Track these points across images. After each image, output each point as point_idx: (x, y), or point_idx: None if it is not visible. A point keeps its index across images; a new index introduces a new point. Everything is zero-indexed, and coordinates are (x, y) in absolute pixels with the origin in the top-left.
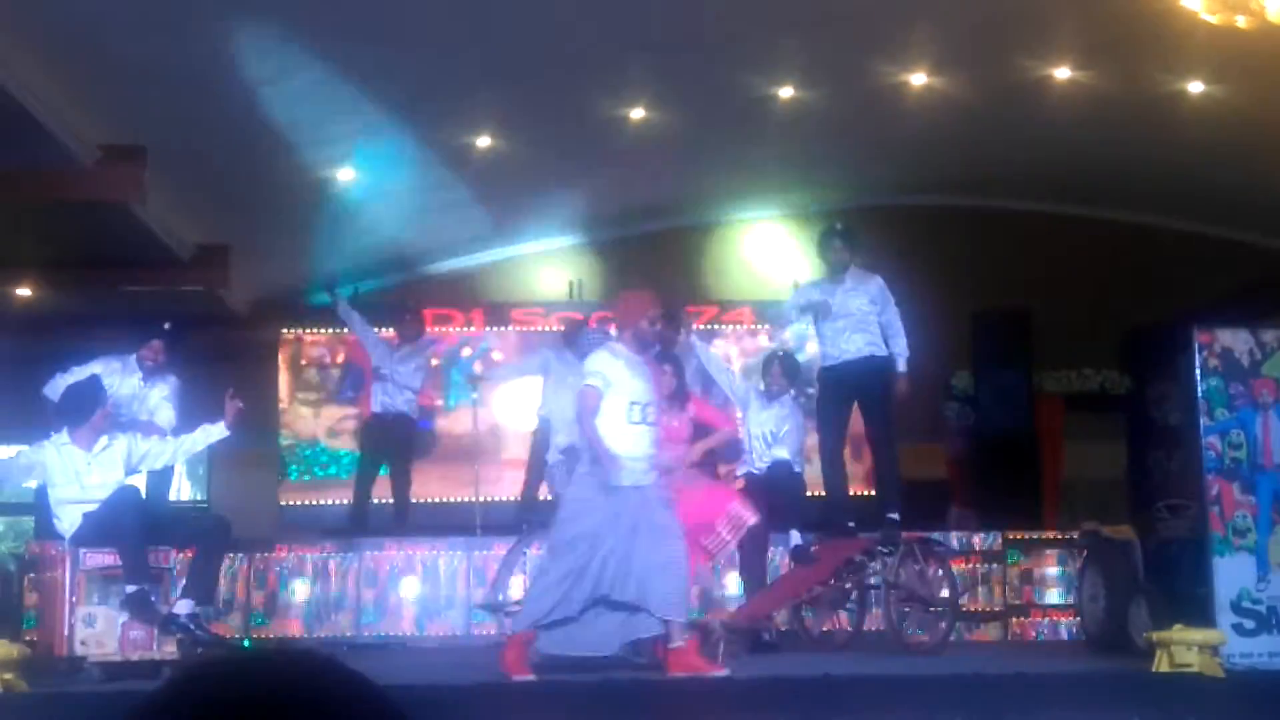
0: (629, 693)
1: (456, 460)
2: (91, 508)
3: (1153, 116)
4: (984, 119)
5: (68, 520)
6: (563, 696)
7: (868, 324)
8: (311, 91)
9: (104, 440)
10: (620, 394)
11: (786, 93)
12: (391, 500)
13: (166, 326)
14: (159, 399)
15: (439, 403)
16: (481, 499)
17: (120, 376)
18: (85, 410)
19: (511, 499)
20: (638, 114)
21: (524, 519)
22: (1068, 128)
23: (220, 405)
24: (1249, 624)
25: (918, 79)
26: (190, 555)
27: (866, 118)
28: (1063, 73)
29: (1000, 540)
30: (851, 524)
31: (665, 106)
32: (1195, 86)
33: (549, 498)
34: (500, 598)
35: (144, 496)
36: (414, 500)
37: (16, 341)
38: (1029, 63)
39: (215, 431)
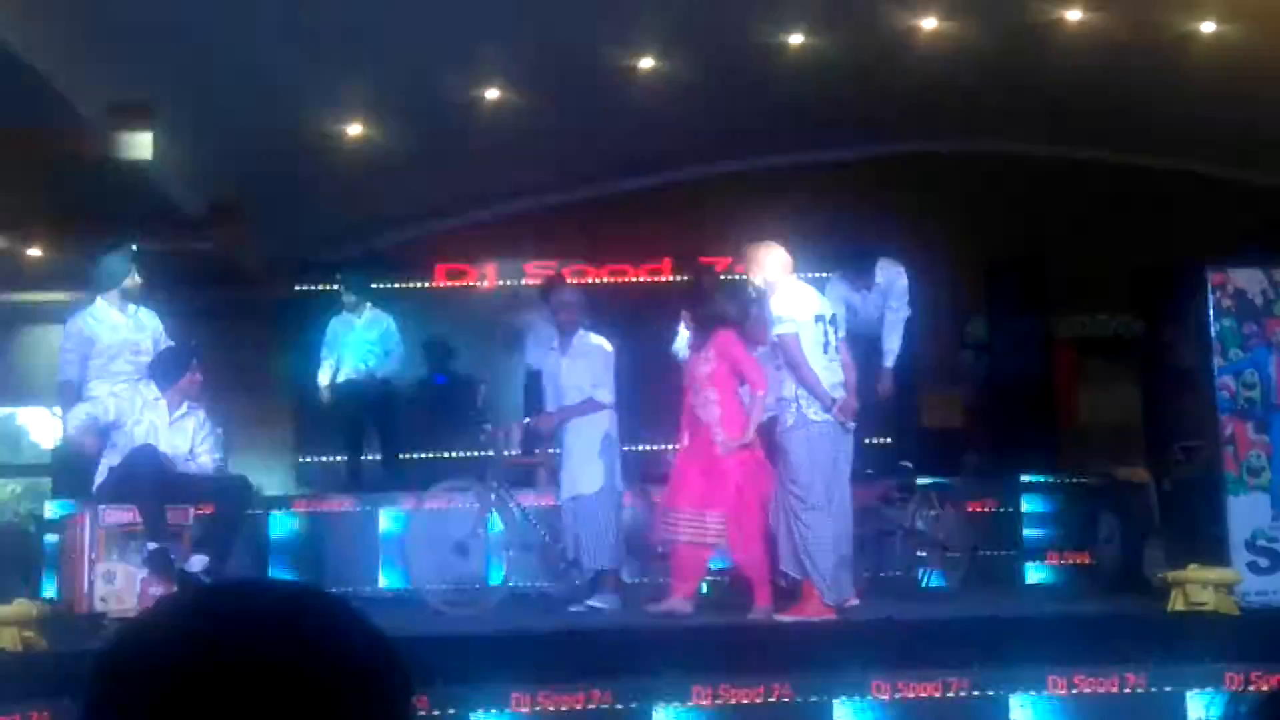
0: (651, 639)
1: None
2: None
3: (1165, 58)
4: (995, 63)
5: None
6: (577, 645)
7: None
8: (319, 45)
9: (184, 408)
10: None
11: (797, 39)
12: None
13: (134, 248)
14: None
15: None
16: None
17: (99, 322)
18: (173, 375)
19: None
20: (646, 64)
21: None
22: (1079, 70)
23: (235, 363)
24: (1263, 562)
25: (928, 23)
26: (209, 512)
27: (877, 64)
28: (1074, 14)
29: (1016, 485)
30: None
31: (674, 56)
32: (1207, 26)
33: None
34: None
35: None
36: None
37: (26, 301)
38: (1040, 5)
39: None
